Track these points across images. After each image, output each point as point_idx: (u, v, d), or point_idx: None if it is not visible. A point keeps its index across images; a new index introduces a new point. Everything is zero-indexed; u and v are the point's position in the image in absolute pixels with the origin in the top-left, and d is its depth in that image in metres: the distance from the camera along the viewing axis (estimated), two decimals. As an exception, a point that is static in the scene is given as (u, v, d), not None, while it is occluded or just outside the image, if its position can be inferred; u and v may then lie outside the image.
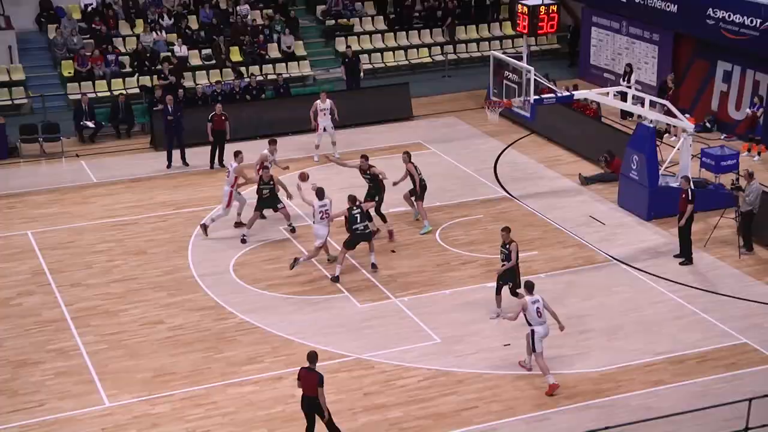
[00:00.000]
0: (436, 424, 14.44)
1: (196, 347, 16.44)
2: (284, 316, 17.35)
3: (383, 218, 20.26)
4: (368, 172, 20.28)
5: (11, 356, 16.28)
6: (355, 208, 18.51)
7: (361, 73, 28.84)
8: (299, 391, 14.98)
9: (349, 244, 18.51)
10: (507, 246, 16.94)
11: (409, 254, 19.60)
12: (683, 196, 18.95)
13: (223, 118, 23.90)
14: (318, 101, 24.43)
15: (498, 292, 17.08)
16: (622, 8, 28.73)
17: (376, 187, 20.32)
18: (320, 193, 18.65)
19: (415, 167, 20.31)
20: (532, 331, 15.05)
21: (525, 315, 15.04)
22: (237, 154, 20.54)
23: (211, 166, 24.22)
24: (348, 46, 29.64)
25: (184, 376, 15.65)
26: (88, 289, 18.44)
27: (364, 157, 20.50)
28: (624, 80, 27.29)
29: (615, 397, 15.02)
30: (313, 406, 13.47)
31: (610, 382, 15.39)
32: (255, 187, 20.41)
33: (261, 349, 16.32)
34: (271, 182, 20.18)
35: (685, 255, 19.16)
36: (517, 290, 16.62)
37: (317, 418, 13.54)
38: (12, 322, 17.36)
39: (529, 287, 15.17)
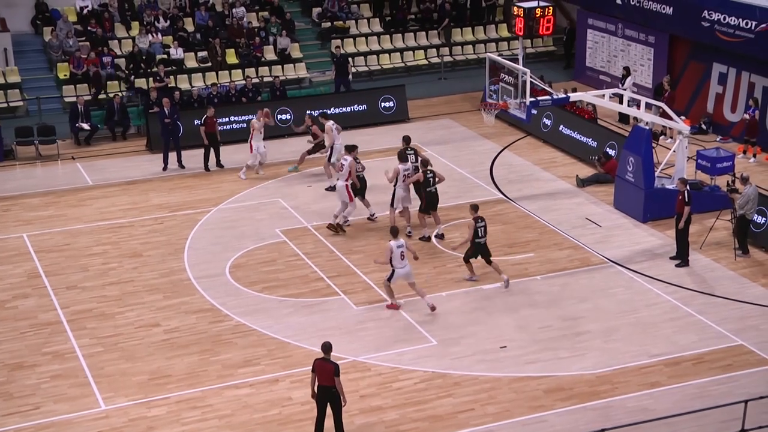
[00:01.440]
0: (433, 426, 14.44)
1: (192, 350, 16.43)
2: (280, 319, 17.35)
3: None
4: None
5: (7, 359, 16.25)
6: (428, 171, 19.83)
7: (350, 75, 28.84)
8: (296, 394, 15.09)
9: (427, 208, 19.98)
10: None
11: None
12: (680, 197, 18.98)
13: (215, 120, 23.89)
14: (254, 118, 24.07)
15: (467, 261, 18.44)
16: (617, 10, 28.77)
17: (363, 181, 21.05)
18: (401, 156, 20.31)
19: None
20: (393, 272, 17.02)
21: (391, 258, 16.93)
22: (352, 148, 20.71)
23: (206, 168, 24.20)
24: (337, 47, 29.66)
25: (180, 378, 15.63)
26: (84, 292, 18.42)
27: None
28: (622, 84, 27.31)
29: (611, 399, 15.02)
30: (328, 395, 13.58)
31: (606, 384, 15.40)
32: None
33: (257, 352, 16.31)
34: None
35: (682, 257, 19.18)
36: (491, 259, 18.38)
37: (329, 410, 13.65)
38: (7, 324, 17.33)
39: (394, 232, 17.22)
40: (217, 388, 15.38)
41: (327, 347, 13.61)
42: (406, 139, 21.27)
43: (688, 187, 19.18)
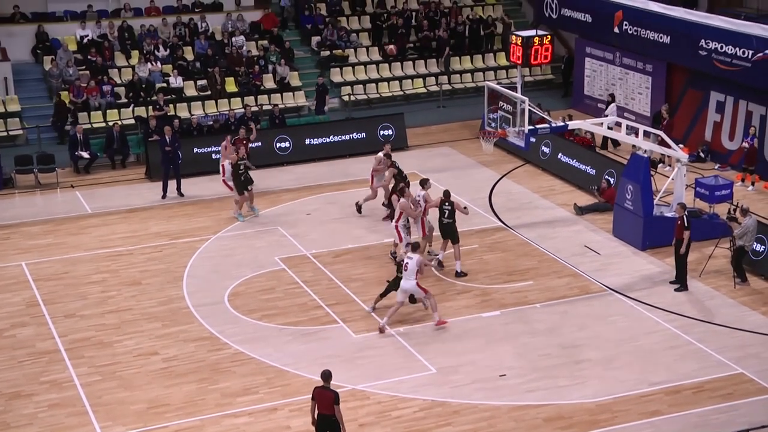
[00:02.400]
0: (432, 455, 14.37)
1: (191, 378, 16.36)
2: (279, 347, 17.29)
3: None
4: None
5: (4, 388, 16.17)
6: (446, 203, 19.85)
7: (326, 106, 28.92)
8: (294, 422, 15.01)
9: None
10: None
11: (404, 284, 19.57)
12: (679, 222, 19.00)
13: (245, 141, 24.00)
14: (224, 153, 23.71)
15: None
16: (615, 39, 28.94)
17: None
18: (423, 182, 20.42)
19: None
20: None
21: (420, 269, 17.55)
22: (425, 182, 20.59)
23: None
24: (320, 76, 29.70)
25: (178, 407, 15.55)
26: (82, 320, 18.38)
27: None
28: (605, 109, 27.50)
29: (612, 427, 14.93)
30: (327, 424, 13.52)
31: (606, 412, 15.33)
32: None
33: (256, 380, 16.25)
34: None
35: (681, 281, 19.17)
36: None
37: None
38: (5, 353, 17.26)
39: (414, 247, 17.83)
40: (216, 416, 15.30)
41: (327, 375, 13.57)
42: (446, 193, 20.25)
43: (686, 212, 19.20)
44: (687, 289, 19.06)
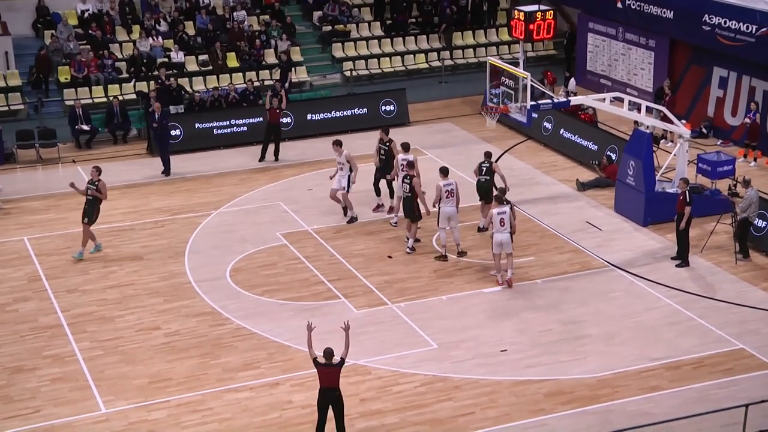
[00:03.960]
0: (433, 430, 14.42)
1: (193, 353, 16.41)
2: (281, 322, 17.33)
3: (379, 192, 21.59)
4: (386, 143, 21.35)
5: (7, 362, 16.23)
6: (485, 162, 20.31)
7: (287, 83, 28.13)
8: (296, 397, 15.08)
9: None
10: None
11: (405, 260, 19.59)
12: (681, 197, 18.98)
13: (278, 111, 23.94)
14: None
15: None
16: (618, 14, 28.78)
17: (388, 164, 21.11)
18: (444, 172, 19.62)
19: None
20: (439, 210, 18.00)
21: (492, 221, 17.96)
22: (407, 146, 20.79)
23: (261, 159, 24.65)
24: (282, 52, 29.50)
25: (180, 382, 15.61)
26: (84, 295, 18.40)
27: (384, 131, 21.65)
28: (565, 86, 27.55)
29: (612, 402, 14.99)
30: (331, 398, 13.59)
31: (606, 387, 15.37)
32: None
33: (257, 355, 16.29)
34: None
35: (682, 257, 19.18)
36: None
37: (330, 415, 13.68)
38: (8, 328, 17.31)
39: (500, 198, 18.31)
40: (218, 391, 15.36)
41: (329, 353, 13.57)
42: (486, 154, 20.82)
43: (689, 187, 19.17)
44: (688, 265, 19.07)
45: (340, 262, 19.50)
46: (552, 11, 23.15)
